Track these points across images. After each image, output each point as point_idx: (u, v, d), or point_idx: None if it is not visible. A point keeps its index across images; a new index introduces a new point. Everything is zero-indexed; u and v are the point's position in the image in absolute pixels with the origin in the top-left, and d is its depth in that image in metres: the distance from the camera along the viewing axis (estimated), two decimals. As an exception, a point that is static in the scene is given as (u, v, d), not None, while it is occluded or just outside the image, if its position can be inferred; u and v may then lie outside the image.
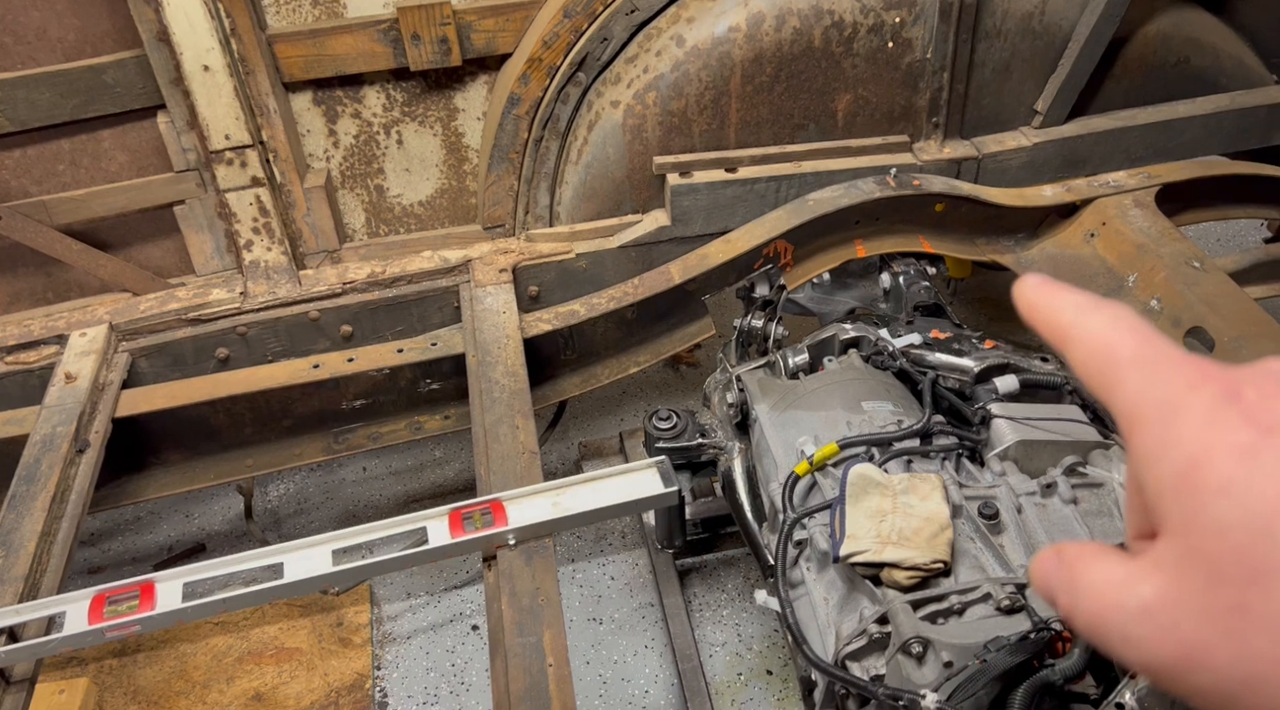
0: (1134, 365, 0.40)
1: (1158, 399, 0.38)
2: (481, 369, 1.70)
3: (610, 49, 1.87)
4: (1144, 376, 0.39)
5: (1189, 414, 0.37)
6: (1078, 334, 0.42)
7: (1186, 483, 0.36)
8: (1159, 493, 0.37)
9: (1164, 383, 0.38)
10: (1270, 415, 0.35)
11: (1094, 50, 1.98)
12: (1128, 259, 1.83)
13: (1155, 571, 0.37)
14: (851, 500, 1.41)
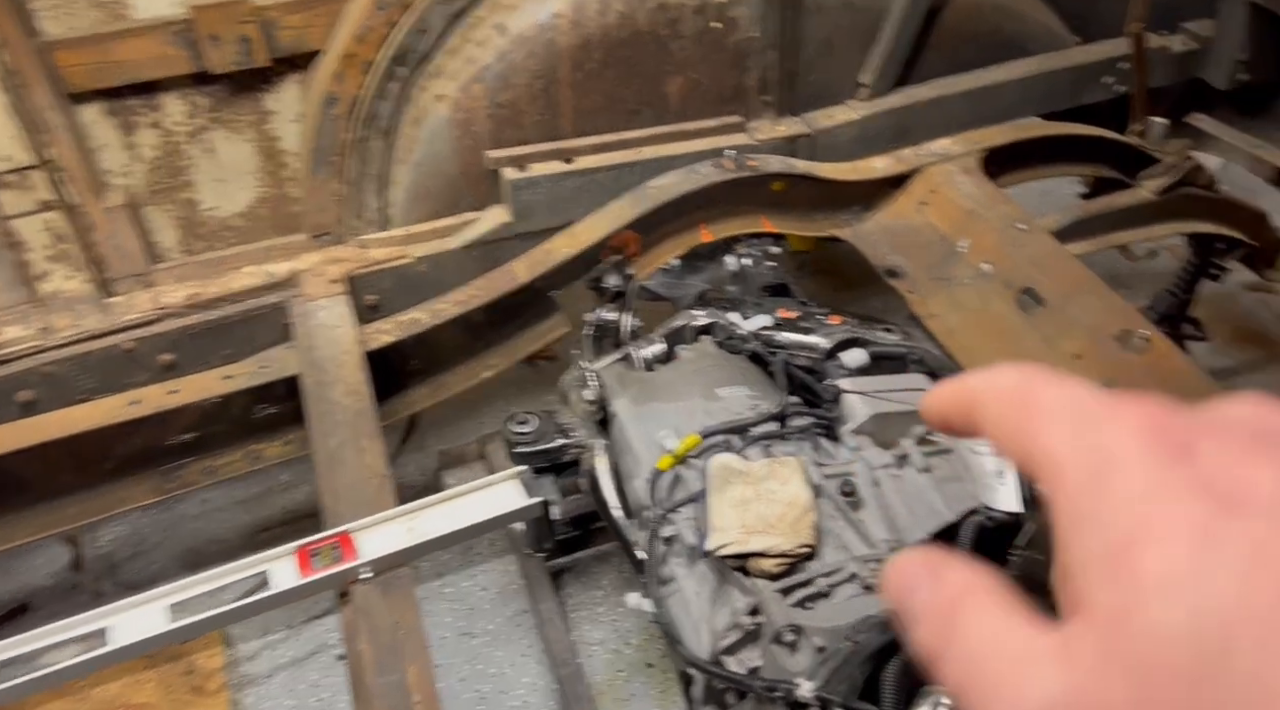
0: (1056, 411, 0.32)
1: (1086, 450, 0.30)
2: (319, 390, 1.60)
3: (429, 40, 1.78)
4: (1069, 423, 0.32)
5: (1126, 474, 0.29)
6: (986, 394, 0.35)
7: (1119, 567, 0.28)
8: (1082, 568, 0.29)
9: (1094, 430, 0.31)
10: (1231, 483, 0.27)
11: (911, 21, 2.03)
12: (958, 225, 1.88)
13: (1066, 663, 0.28)
14: (715, 492, 1.40)
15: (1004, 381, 0.35)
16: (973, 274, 1.80)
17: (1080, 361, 1.59)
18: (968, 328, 1.73)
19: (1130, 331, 1.59)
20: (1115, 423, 0.30)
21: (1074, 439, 0.31)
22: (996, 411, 0.35)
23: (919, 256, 1.89)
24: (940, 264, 1.86)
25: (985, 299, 1.75)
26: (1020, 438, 0.33)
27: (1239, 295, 2.87)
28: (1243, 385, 2.67)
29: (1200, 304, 2.44)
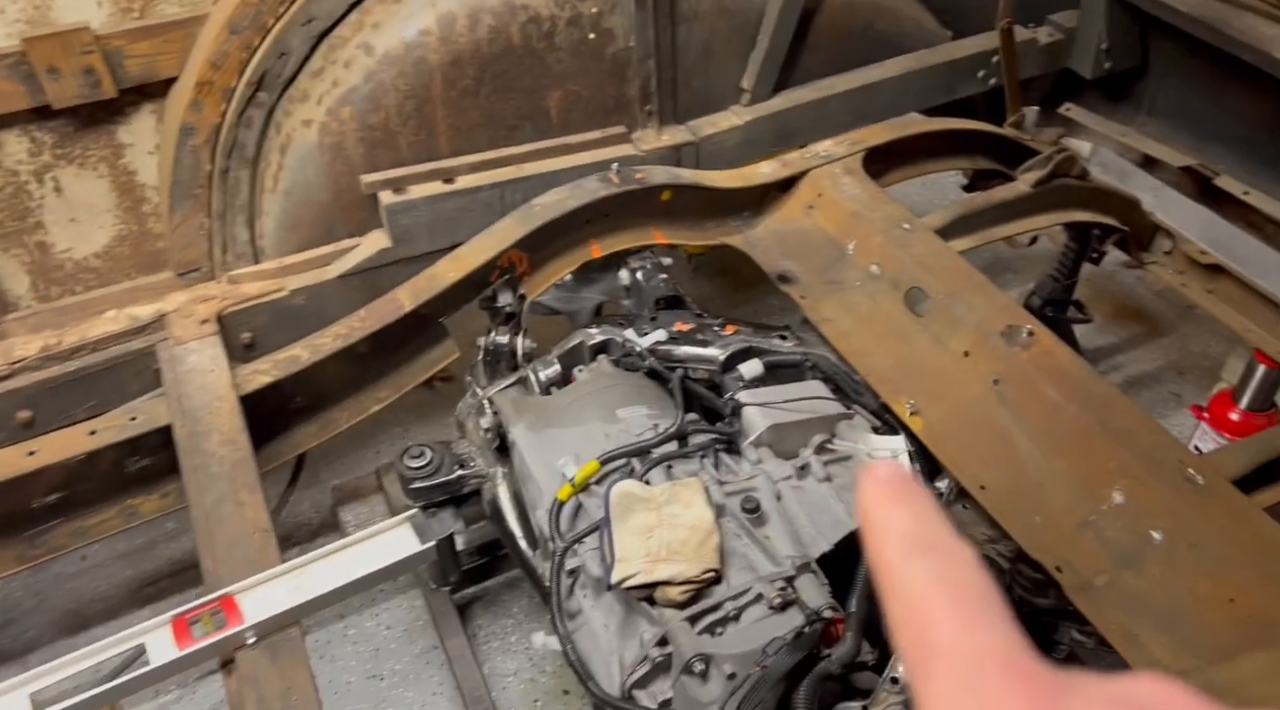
0: (948, 660, 0.30)
1: None
2: (193, 441, 1.51)
3: (291, 64, 1.69)
4: (955, 684, 0.30)
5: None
6: (896, 585, 0.33)
7: None
8: None
9: (975, 697, 0.29)
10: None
11: (787, 24, 2.02)
12: (845, 227, 1.89)
13: None
14: (617, 520, 1.36)
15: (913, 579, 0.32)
16: (862, 276, 1.81)
17: (969, 359, 1.61)
18: (860, 331, 1.73)
19: (1016, 327, 1.61)
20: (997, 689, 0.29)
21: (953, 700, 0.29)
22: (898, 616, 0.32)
23: (809, 260, 1.89)
24: (830, 267, 1.86)
25: (875, 301, 1.76)
26: (910, 667, 0.32)
27: (1118, 274, 2.97)
28: (1126, 360, 2.77)
29: (1082, 285, 2.52)
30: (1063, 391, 1.51)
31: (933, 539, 0.33)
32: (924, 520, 0.34)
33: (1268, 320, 1.96)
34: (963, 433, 1.54)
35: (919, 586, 0.32)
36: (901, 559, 0.33)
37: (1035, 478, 1.46)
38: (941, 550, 0.33)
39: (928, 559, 0.32)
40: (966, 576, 0.32)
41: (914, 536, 0.33)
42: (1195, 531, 1.30)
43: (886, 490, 0.35)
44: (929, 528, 0.33)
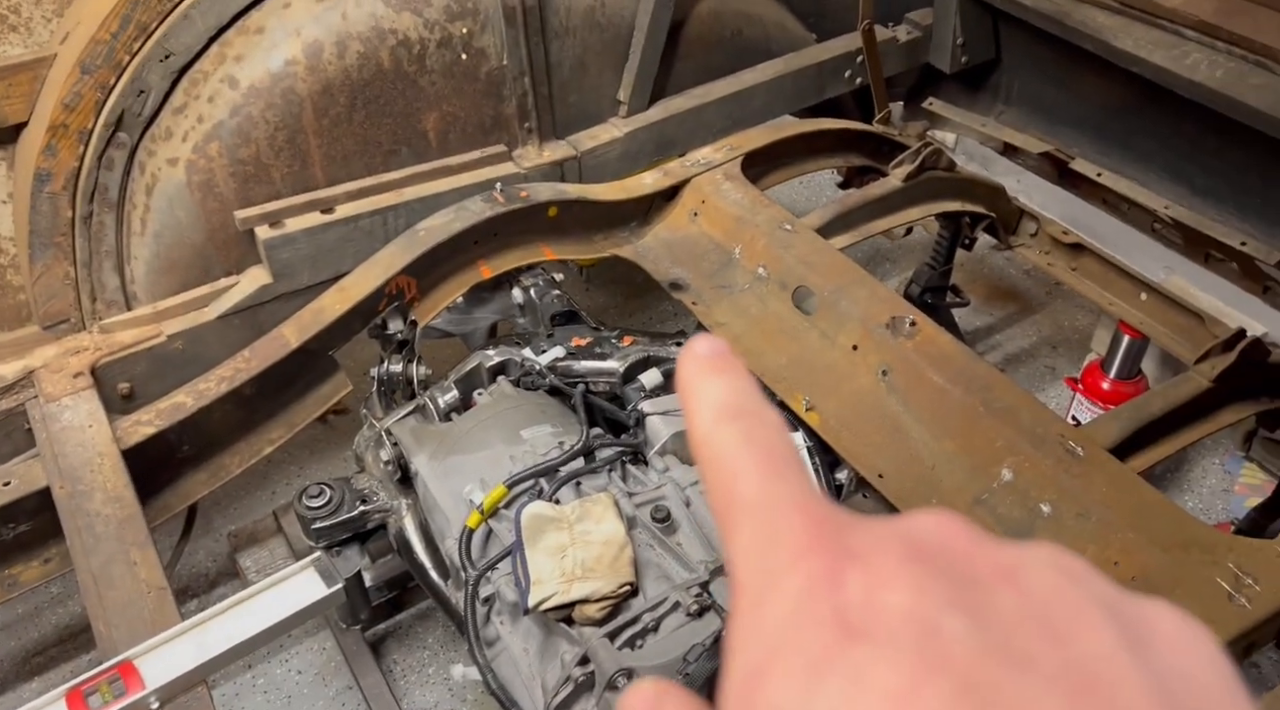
0: (752, 512, 0.31)
1: (759, 566, 0.30)
2: (74, 502, 1.43)
3: (151, 102, 1.63)
4: (756, 531, 0.31)
5: (778, 597, 0.29)
6: (707, 449, 0.33)
7: (743, 699, 0.27)
8: (724, 696, 0.28)
9: (772, 544, 0.30)
10: (865, 610, 0.27)
11: (657, 35, 2.05)
12: (730, 232, 1.92)
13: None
14: (529, 543, 1.36)
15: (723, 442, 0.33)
16: (750, 279, 1.84)
17: (858, 352, 1.66)
18: (753, 333, 1.77)
19: (899, 318, 1.67)
20: (787, 543, 0.30)
21: (754, 550, 0.31)
22: (708, 478, 0.33)
23: (698, 266, 1.92)
24: (719, 272, 1.89)
25: (765, 302, 1.80)
26: (720, 525, 0.32)
27: (989, 258, 3.11)
28: (1003, 338, 2.90)
29: (957, 270, 2.63)
30: (947, 376, 1.57)
31: (742, 405, 0.34)
32: (736, 389, 0.34)
33: (1128, 293, 2.08)
34: (857, 424, 1.59)
35: (727, 448, 0.33)
36: (712, 425, 0.33)
37: (928, 462, 1.51)
38: (749, 415, 0.33)
39: (736, 423, 0.33)
40: (771, 437, 0.33)
41: (725, 404, 0.34)
42: (1080, 501, 1.38)
43: (703, 363, 0.35)
44: (739, 396, 0.34)
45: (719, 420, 0.33)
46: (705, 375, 0.35)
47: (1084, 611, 0.28)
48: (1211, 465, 2.49)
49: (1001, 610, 0.27)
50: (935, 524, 0.30)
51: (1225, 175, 2.05)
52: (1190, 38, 1.90)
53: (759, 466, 0.32)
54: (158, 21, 1.59)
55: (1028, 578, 0.28)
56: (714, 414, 0.34)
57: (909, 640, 0.26)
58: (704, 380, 0.35)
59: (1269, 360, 1.70)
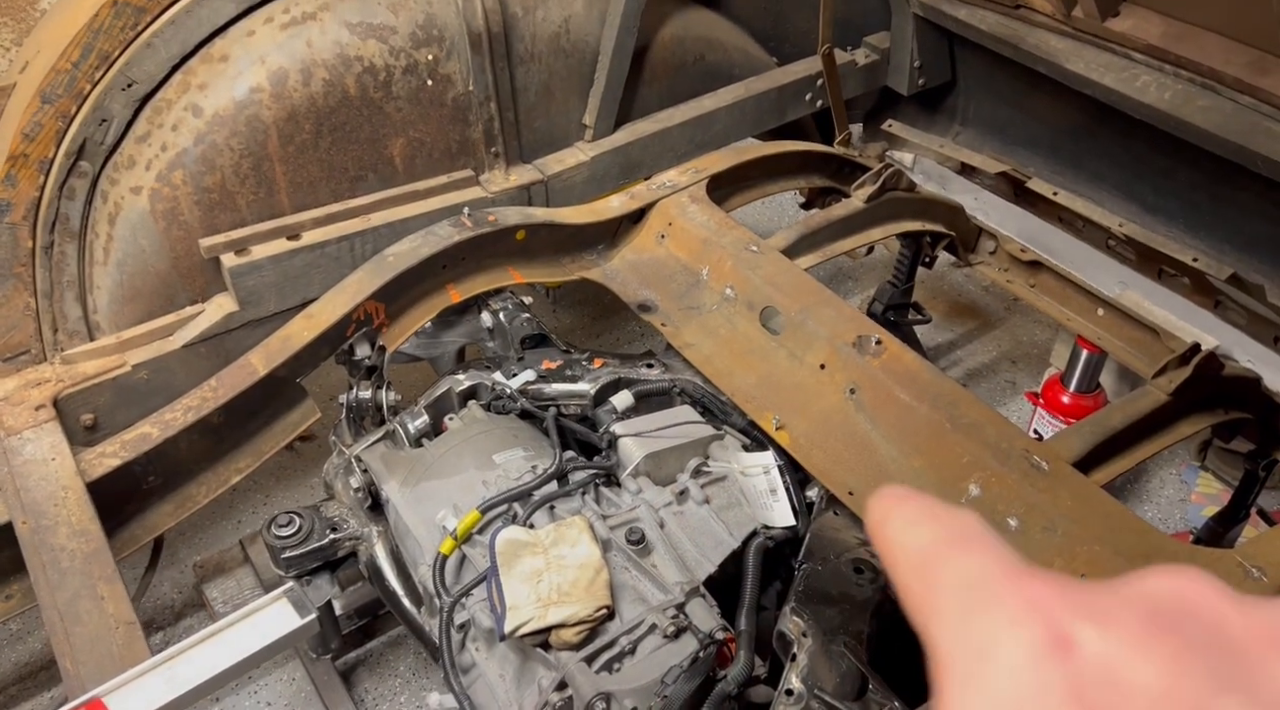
0: (955, 592, 0.28)
1: (970, 639, 0.27)
2: (38, 536, 1.41)
3: (113, 130, 1.61)
4: (962, 607, 0.28)
5: (997, 674, 0.25)
6: (897, 551, 0.32)
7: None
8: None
9: (982, 616, 0.27)
10: (1108, 685, 0.23)
11: (622, 60, 2.07)
12: (697, 254, 1.94)
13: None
14: (504, 569, 1.36)
15: (914, 541, 0.31)
16: (718, 300, 1.86)
17: (825, 371, 1.68)
18: (722, 353, 1.78)
19: (865, 337, 1.69)
20: (1000, 608, 0.27)
21: (961, 624, 0.27)
22: (901, 577, 0.31)
23: (666, 288, 1.93)
24: (687, 293, 1.91)
25: (733, 323, 1.82)
26: (918, 616, 0.30)
27: (949, 275, 3.17)
28: (964, 354, 2.95)
29: (918, 288, 2.67)
30: (913, 393, 1.60)
31: (936, 513, 0.32)
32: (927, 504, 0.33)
33: (1085, 308, 2.13)
34: (826, 442, 1.60)
35: (919, 541, 0.31)
36: (902, 528, 0.32)
37: (897, 478, 1.53)
38: (946, 516, 0.32)
39: (929, 523, 0.31)
40: (971, 530, 0.31)
41: (914, 514, 0.32)
42: (1046, 515, 1.40)
43: (894, 497, 0.34)
44: (931, 508, 0.32)
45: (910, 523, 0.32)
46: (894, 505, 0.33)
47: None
48: (1169, 476, 2.54)
49: (1274, 683, 0.23)
50: (1178, 583, 0.27)
51: (1176, 193, 2.11)
52: (1140, 61, 1.96)
53: (959, 549, 0.29)
54: (120, 50, 1.58)
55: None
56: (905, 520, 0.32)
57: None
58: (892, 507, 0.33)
59: (1223, 373, 1.74)
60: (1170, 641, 0.24)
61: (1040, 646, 0.25)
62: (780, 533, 1.57)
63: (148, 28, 1.60)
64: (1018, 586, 0.27)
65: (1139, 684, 0.23)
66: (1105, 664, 0.24)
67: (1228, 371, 1.76)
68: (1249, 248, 1.98)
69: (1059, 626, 0.25)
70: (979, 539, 0.30)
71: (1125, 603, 0.26)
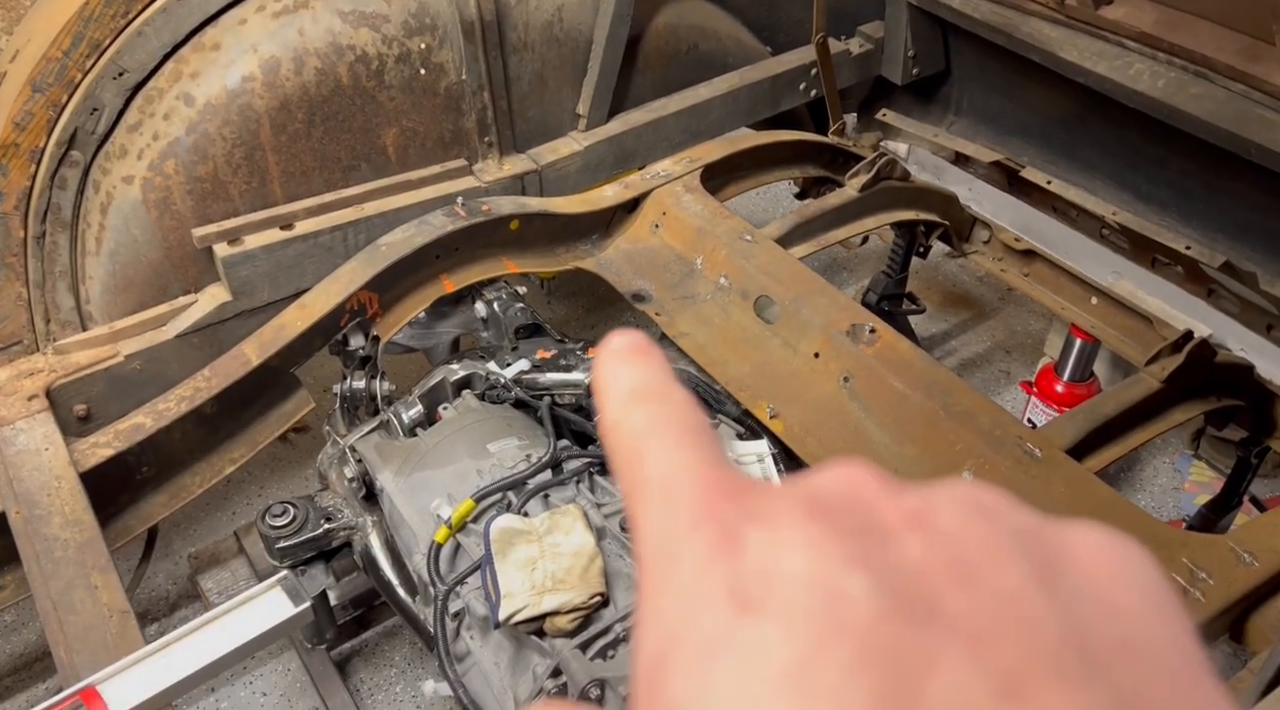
0: (652, 487, 0.29)
1: (659, 544, 0.27)
2: (31, 526, 1.40)
3: (105, 120, 1.61)
4: (656, 507, 0.28)
5: (673, 574, 0.26)
6: (616, 434, 0.31)
7: (646, 697, 0.25)
8: (633, 689, 0.26)
9: (672, 516, 0.27)
10: (761, 578, 0.25)
11: (615, 50, 2.07)
12: (691, 243, 1.94)
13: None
14: (499, 557, 1.36)
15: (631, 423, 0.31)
16: (712, 289, 1.86)
17: (819, 360, 1.69)
18: (716, 342, 1.78)
19: (859, 326, 1.70)
20: (683, 514, 0.27)
21: (655, 525, 0.28)
22: (617, 463, 0.31)
23: (661, 278, 1.93)
24: (681, 283, 1.91)
25: (727, 312, 1.82)
26: (628, 511, 0.30)
27: (943, 265, 3.17)
28: (959, 344, 2.96)
29: (912, 278, 2.67)
30: (907, 382, 1.60)
31: (649, 388, 0.32)
32: (644, 375, 0.33)
33: (1078, 297, 2.13)
34: (821, 430, 1.61)
35: (632, 430, 0.31)
36: (621, 409, 0.32)
37: (891, 465, 1.54)
38: (656, 396, 0.32)
39: (644, 405, 0.31)
40: (678, 414, 0.31)
41: (634, 389, 0.32)
42: (1039, 501, 1.40)
43: (616, 355, 0.34)
44: (647, 380, 0.32)
45: (625, 404, 0.32)
46: (616, 365, 0.33)
47: (994, 548, 0.25)
48: (1162, 464, 2.55)
49: (907, 560, 0.25)
50: (841, 475, 0.28)
51: (1169, 182, 2.11)
52: (1133, 49, 1.96)
53: (662, 443, 0.30)
54: (111, 38, 1.58)
55: (936, 520, 0.26)
56: (622, 399, 0.32)
57: (805, 607, 0.24)
58: (614, 370, 0.33)
59: (1215, 360, 1.75)
60: (820, 529, 0.26)
61: (713, 548, 0.26)
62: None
63: (138, 16, 1.59)
64: (702, 491, 0.28)
65: (787, 571, 0.25)
66: (761, 558, 0.25)
67: (1220, 359, 1.76)
68: (1241, 235, 1.98)
69: (731, 528, 0.26)
70: (683, 430, 0.30)
71: (790, 500, 0.27)
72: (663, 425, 0.30)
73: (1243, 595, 1.28)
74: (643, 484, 0.29)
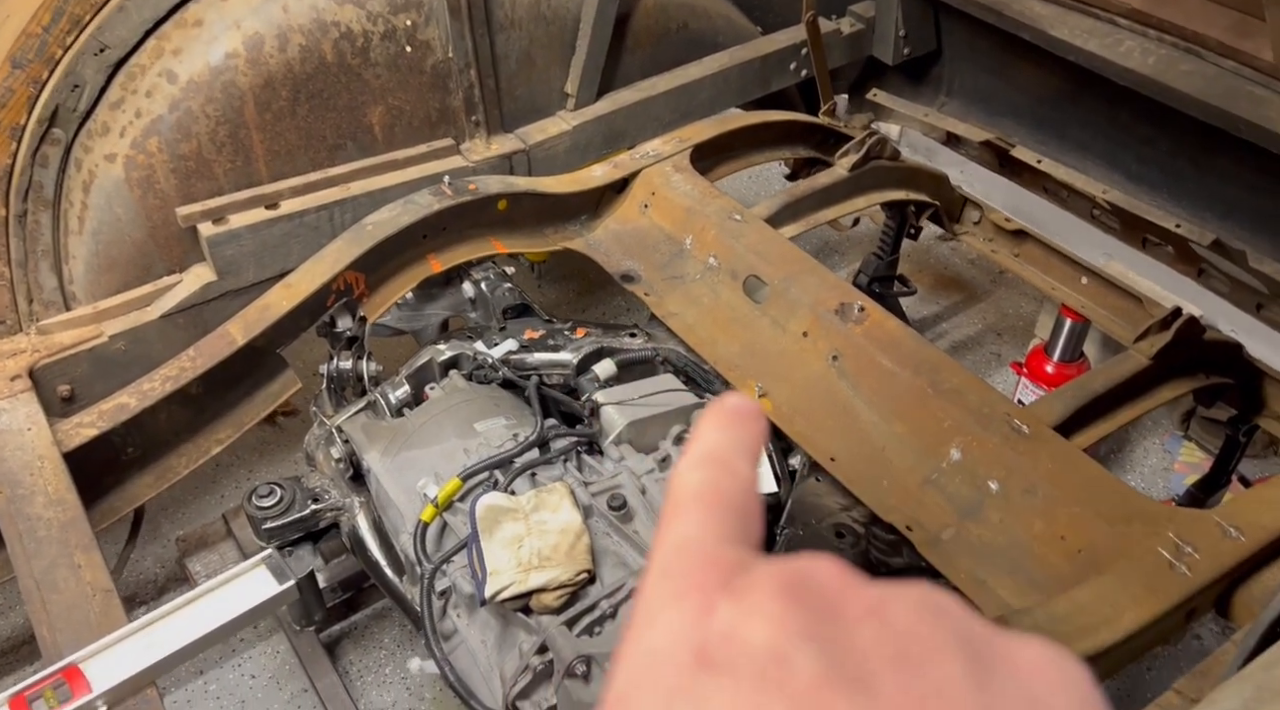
0: (666, 550, 0.33)
1: (652, 600, 0.31)
2: (14, 506, 1.39)
3: (86, 97, 1.59)
4: (661, 567, 0.32)
5: (655, 628, 0.30)
6: (672, 485, 0.35)
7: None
8: None
9: (668, 579, 0.31)
10: (726, 643, 0.28)
11: (603, 28, 2.05)
12: (680, 223, 1.93)
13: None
14: (485, 534, 1.35)
15: (679, 483, 0.34)
16: (701, 269, 1.85)
17: (808, 339, 1.68)
18: (705, 322, 1.78)
19: (848, 304, 1.69)
20: (678, 580, 0.31)
21: (648, 589, 0.32)
22: (662, 512, 0.35)
23: (650, 258, 1.92)
24: (670, 263, 1.90)
25: (716, 292, 1.81)
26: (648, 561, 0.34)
27: (934, 247, 3.16)
28: (950, 326, 2.95)
29: (903, 260, 2.66)
30: (896, 360, 1.59)
31: (721, 455, 0.35)
32: (730, 442, 0.35)
33: (1069, 277, 2.13)
34: (809, 409, 1.60)
35: (682, 491, 0.34)
36: (688, 465, 0.35)
37: (879, 444, 1.53)
38: (724, 466, 0.34)
39: (707, 471, 0.34)
40: (729, 488, 0.34)
41: (709, 452, 0.35)
42: (1027, 477, 1.40)
43: (720, 414, 0.37)
44: (725, 447, 0.35)
45: (695, 462, 0.35)
46: (711, 423, 0.36)
47: (938, 644, 0.28)
48: (1152, 445, 2.55)
49: (858, 642, 0.28)
50: (815, 565, 0.31)
51: (1159, 160, 2.10)
52: (1123, 26, 1.96)
53: (698, 512, 0.33)
54: (91, 14, 1.56)
55: (891, 613, 0.29)
56: (694, 456, 0.35)
57: (756, 669, 0.27)
58: (708, 427, 0.36)
59: (1204, 338, 1.75)
60: (784, 606, 0.29)
61: (691, 609, 0.30)
62: (762, 499, 1.57)
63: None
64: (700, 566, 0.31)
65: (748, 638, 0.28)
66: (729, 624, 0.29)
67: (1209, 337, 1.76)
68: (1231, 213, 1.98)
69: (710, 599, 0.30)
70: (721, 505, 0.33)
71: (767, 578, 0.30)
72: (710, 495, 0.34)
73: (1229, 569, 1.27)
74: (659, 546, 0.33)
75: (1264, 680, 0.77)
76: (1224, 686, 0.78)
